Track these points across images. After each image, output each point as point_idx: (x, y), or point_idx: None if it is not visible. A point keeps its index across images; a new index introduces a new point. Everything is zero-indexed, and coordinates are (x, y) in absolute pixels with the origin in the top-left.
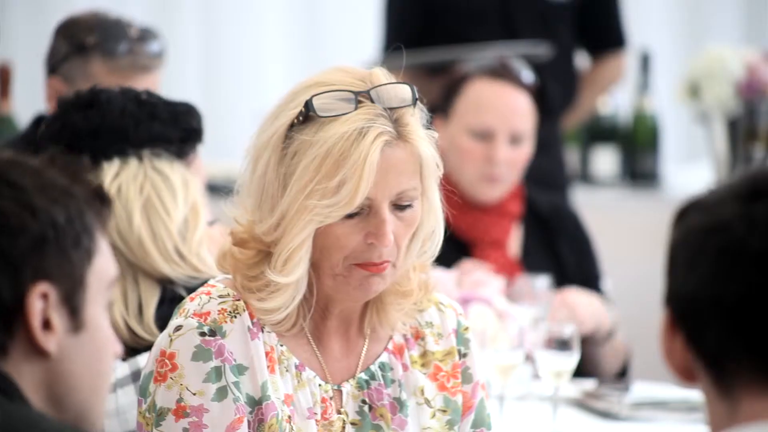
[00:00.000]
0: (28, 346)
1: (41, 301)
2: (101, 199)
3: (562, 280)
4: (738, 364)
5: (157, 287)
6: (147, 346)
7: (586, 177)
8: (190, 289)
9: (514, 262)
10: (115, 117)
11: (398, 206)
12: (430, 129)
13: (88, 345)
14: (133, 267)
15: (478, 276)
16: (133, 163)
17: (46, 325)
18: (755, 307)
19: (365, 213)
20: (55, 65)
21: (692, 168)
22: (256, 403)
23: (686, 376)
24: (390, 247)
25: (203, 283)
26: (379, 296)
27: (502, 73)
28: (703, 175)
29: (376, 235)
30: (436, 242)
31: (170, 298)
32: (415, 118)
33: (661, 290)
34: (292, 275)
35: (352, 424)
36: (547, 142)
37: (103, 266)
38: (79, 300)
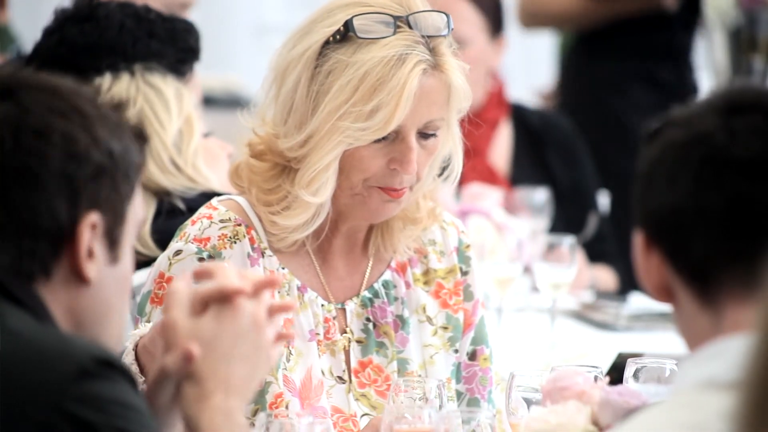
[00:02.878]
0: (70, 272)
1: (90, 230)
2: (142, 137)
3: (551, 190)
4: (723, 274)
5: (153, 200)
6: (143, 261)
7: None
8: (187, 200)
9: (494, 170)
10: (113, 33)
11: (423, 134)
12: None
13: (119, 277)
14: None
15: (476, 189)
16: (125, 77)
17: (89, 253)
18: (740, 215)
19: (391, 138)
20: None
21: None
22: None
23: (663, 294)
24: (411, 175)
25: (201, 194)
26: (387, 222)
27: None
28: (703, 85)
29: (400, 162)
30: (454, 170)
31: (168, 210)
32: (449, 48)
33: None
34: (319, 195)
35: (358, 342)
36: None
37: (138, 205)
38: (119, 234)
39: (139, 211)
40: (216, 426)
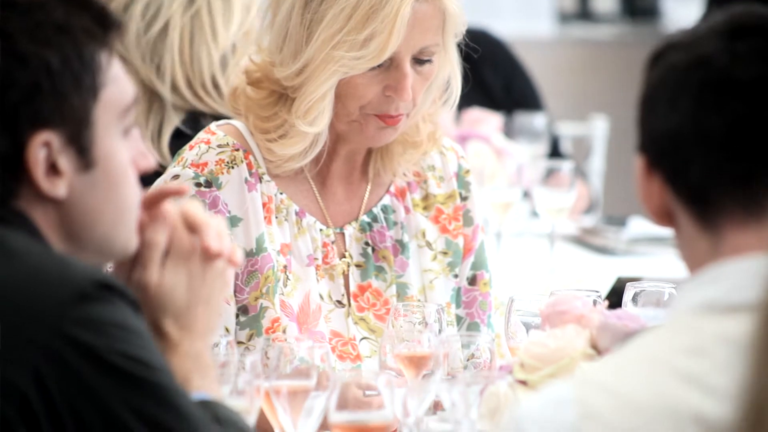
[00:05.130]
0: (37, 192)
1: (43, 150)
2: (105, 25)
3: (491, 106)
4: (723, 197)
5: (180, 114)
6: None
7: (585, 14)
8: (217, 117)
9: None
10: None
11: (418, 60)
12: None
13: (102, 179)
14: (155, 94)
15: (476, 114)
16: None
17: (54, 169)
18: (741, 138)
19: (386, 65)
20: None
21: (692, 3)
22: (247, 255)
23: (663, 218)
24: (407, 102)
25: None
26: (387, 146)
27: None
28: (703, 10)
29: (395, 89)
30: (452, 94)
31: (193, 126)
32: None
33: None
34: (316, 125)
35: (357, 266)
36: None
37: (114, 96)
38: (87, 139)
39: (122, 97)
40: (186, 371)
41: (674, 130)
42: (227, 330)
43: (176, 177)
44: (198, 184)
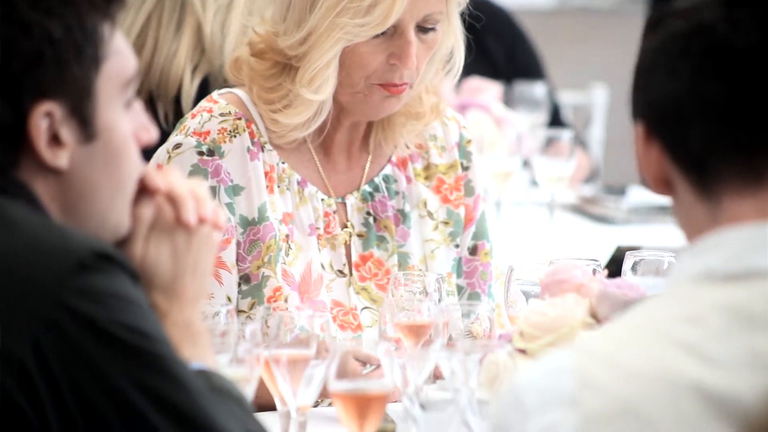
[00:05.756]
0: (39, 162)
1: (46, 120)
2: None
3: (493, 75)
4: (722, 164)
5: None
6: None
7: None
8: None
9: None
10: None
11: (422, 29)
12: None
13: (103, 152)
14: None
15: (475, 83)
16: None
17: (56, 140)
18: (741, 105)
19: (390, 33)
20: None
21: None
22: (249, 224)
23: (662, 186)
24: (411, 70)
25: None
26: (388, 117)
27: None
28: None
29: (400, 57)
30: (455, 64)
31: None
32: None
33: None
34: (321, 93)
35: (358, 236)
36: None
37: (116, 68)
38: (89, 110)
39: (125, 69)
40: (177, 340)
41: (673, 98)
42: (229, 299)
43: (178, 145)
44: (200, 153)
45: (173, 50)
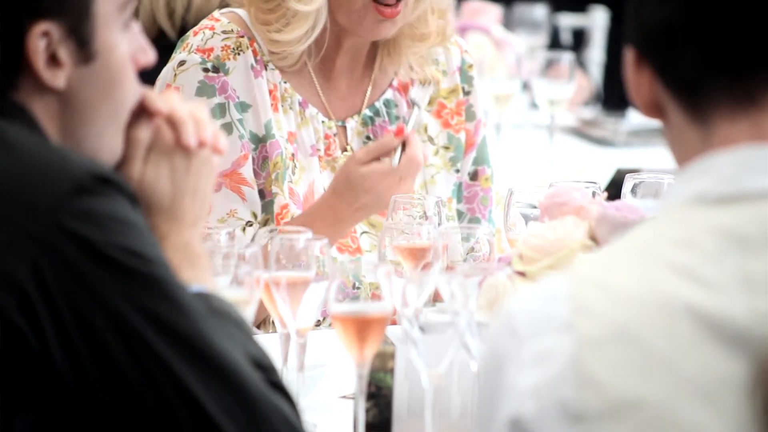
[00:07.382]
0: (37, 83)
1: (43, 40)
2: None
3: None
4: (713, 88)
5: None
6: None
7: None
8: None
9: None
10: None
11: None
12: None
13: (101, 73)
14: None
15: (475, 5)
16: None
17: (55, 60)
18: (732, 29)
19: None
20: None
21: None
22: (259, 141)
23: (653, 110)
24: None
25: None
26: (394, 39)
27: None
28: None
29: None
30: None
31: None
32: None
33: None
34: (312, 3)
35: None
36: None
37: None
38: (87, 30)
39: None
40: (176, 263)
41: (665, 22)
42: (255, 215)
43: (182, 63)
44: (206, 69)
45: None
